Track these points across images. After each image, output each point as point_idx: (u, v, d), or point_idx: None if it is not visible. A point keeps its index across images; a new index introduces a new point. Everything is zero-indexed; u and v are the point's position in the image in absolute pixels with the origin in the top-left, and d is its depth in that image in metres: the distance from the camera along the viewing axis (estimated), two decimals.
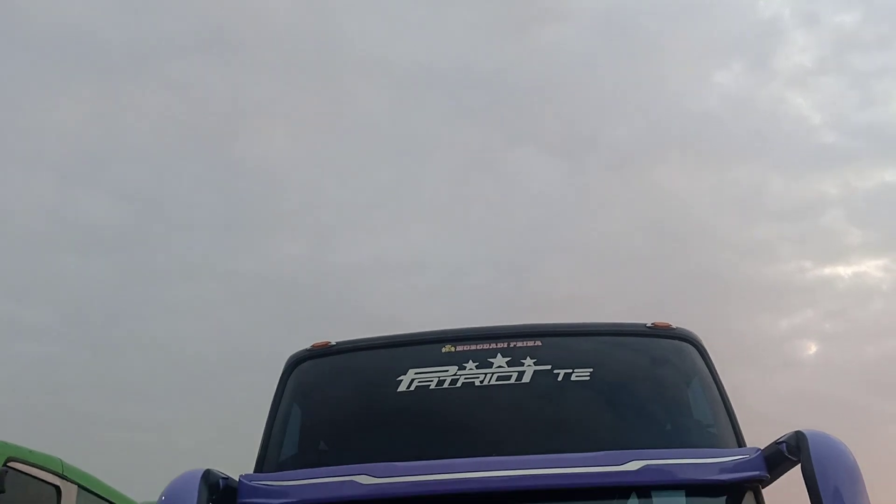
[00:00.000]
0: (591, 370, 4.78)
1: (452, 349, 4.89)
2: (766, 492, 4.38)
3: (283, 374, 4.97)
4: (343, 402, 5.02)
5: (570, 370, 4.75)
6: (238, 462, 4.69)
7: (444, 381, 4.76)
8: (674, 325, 5.00)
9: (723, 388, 4.76)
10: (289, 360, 5.03)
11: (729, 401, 4.72)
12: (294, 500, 4.30)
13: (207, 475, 4.13)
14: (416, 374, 4.79)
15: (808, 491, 3.89)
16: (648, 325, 5.01)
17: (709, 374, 4.80)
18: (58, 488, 5.89)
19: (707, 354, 4.88)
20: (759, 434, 4.44)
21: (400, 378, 4.79)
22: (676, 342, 4.96)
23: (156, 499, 4.16)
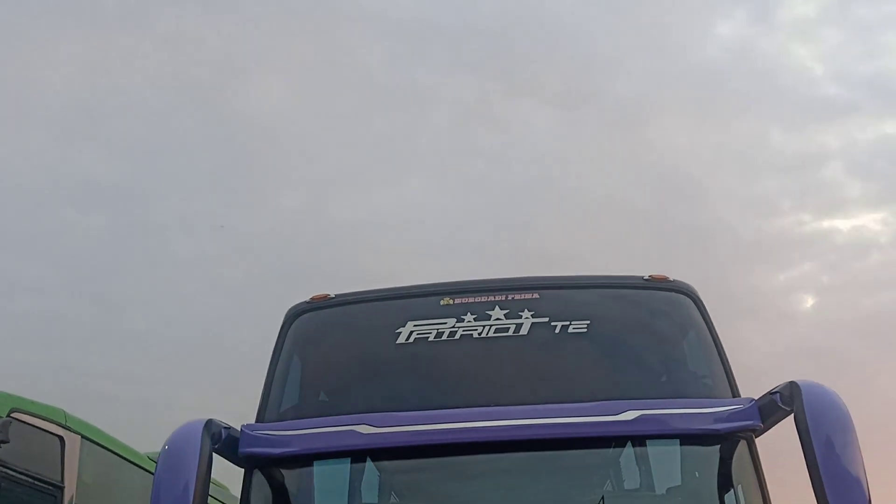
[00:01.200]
0: (589, 322, 4.82)
1: (451, 302, 4.92)
2: (760, 444, 4.45)
3: (282, 327, 5.01)
4: (342, 353, 5.06)
5: (568, 322, 4.79)
6: (240, 416, 4.74)
7: (443, 333, 4.80)
8: (671, 278, 5.03)
9: (718, 339, 4.81)
10: (288, 313, 5.06)
11: (724, 352, 4.77)
12: (295, 449, 4.37)
13: (210, 425, 4.19)
14: (414, 326, 4.83)
15: (800, 440, 3.95)
16: (645, 277, 5.04)
17: (705, 326, 4.84)
18: (61, 438, 5.98)
19: (703, 306, 4.92)
20: (755, 387, 4.50)
21: (399, 330, 4.83)
22: (673, 294, 5.00)
23: (159, 450, 4.23)
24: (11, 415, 5.45)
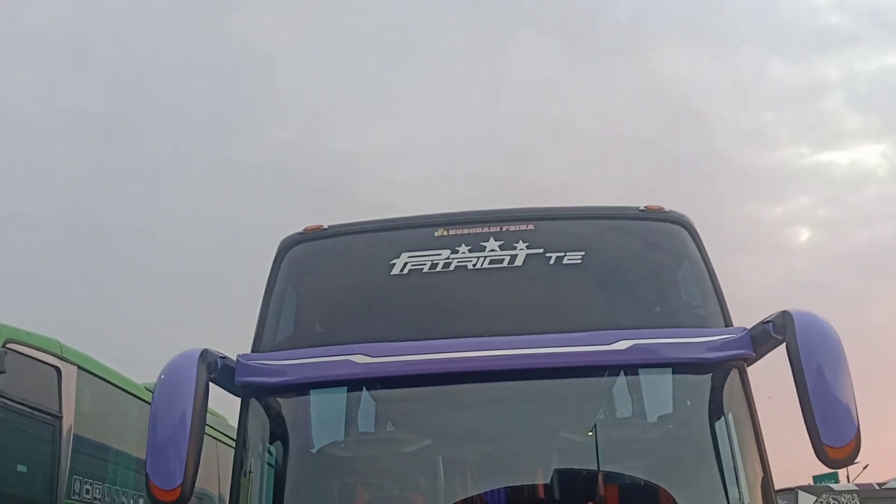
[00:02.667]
0: (583, 253, 4.81)
1: (445, 233, 4.90)
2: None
3: (276, 258, 4.98)
4: (336, 284, 5.06)
5: (562, 253, 4.78)
6: (236, 349, 4.76)
7: (437, 264, 4.78)
8: (666, 209, 5.00)
9: (712, 270, 4.81)
10: (282, 244, 5.04)
11: (718, 283, 4.77)
12: (291, 378, 4.39)
13: (205, 354, 4.20)
14: (409, 257, 4.82)
15: (791, 369, 3.98)
16: (641, 208, 5.01)
17: (699, 257, 4.84)
18: (58, 369, 6.01)
19: (698, 237, 4.90)
20: (749, 321, 4.51)
21: (393, 261, 4.82)
22: (668, 225, 4.98)
23: (155, 381, 4.25)
24: (7, 345, 5.46)
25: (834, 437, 3.80)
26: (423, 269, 4.78)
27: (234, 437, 4.51)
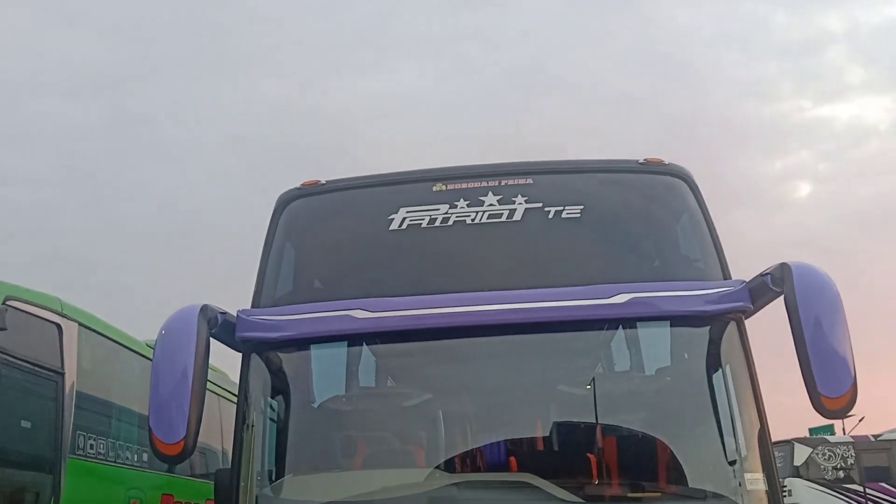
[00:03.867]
0: (582, 207, 4.80)
1: (443, 188, 4.88)
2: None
3: (274, 213, 4.97)
4: (335, 240, 5.05)
5: (561, 207, 4.76)
6: (236, 305, 4.77)
7: (436, 219, 4.77)
8: (666, 161, 4.98)
9: (712, 223, 4.80)
10: (279, 199, 5.02)
11: (717, 236, 4.77)
12: (291, 333, 4.41)
13: (205, 310, 4.22)
14: (407, 212, 4.80)
15: (789, 321, 4.00)
16: (640, 161, 4.98)
17: (698, 210, 4.82)
18: (59, 326, 6.03)
19: (698, 190, 4.88)
20: (747, 276, 4.50)
21: (391, 217, 4.81)
22: (668, 178, 4.96)
23: (156, 337, 4.27)
24: (7, 302, 5.47)
25: (830, 387, 3.83)
26: (421, 224, 4.77)
27: (237, 393, 4.54)
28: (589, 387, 4.63)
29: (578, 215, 4.78)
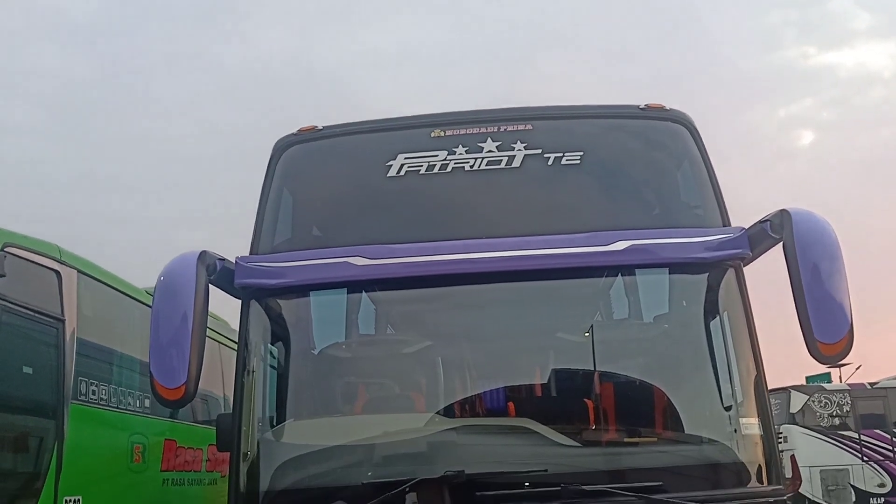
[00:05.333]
0: (582, 153, 4.76)
1: (442, 134, 4.83)
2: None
3: (270, 159, 4.93)
4: (332, 186, 5.02)
5: (561, 154, 4.73)
6: (235, 254, 4.73)
7: (434, 165, 4.74)
8: (667, 107, 4.92)
9: (712, 170, 4.77)
10: (276, 145, 4.97)
11: (717, 183, 4.74)
12: (290, 280, 4.42)
13: (204, 256, 4.21)
14: (405, 158, 4.76)
15: (787, 267, 3.99)
16: (641, 106, 4.93)
17: (699, 157, 4.78)
18: (58, 273, 6.01)
19: (699, 137, 4.84)
20: (750, 224, 4.47)
21: (389, 163, 4.77)
22: (668, 124, 4.91)
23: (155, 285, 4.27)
24: (5, 249, 5.44)
25: (827, 333, 3.84)
26: (419, 170, 4.74)
27: (237, 340, 4.56)
28: (587, 334, 4.65)
29: (578, 162, 4.74)
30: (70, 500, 5.87)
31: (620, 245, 4.29)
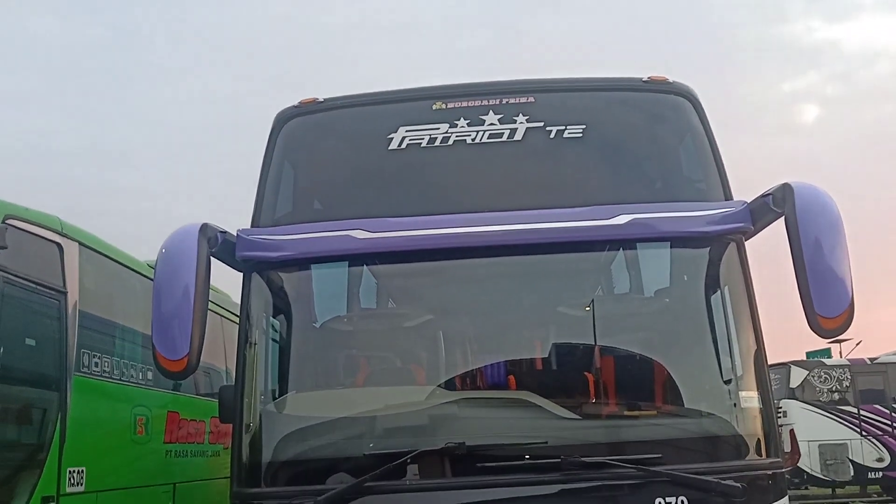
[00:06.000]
0: (584, 126, 4.73)
1: (443, 106, 4.80)
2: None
3: (271, 132, 4.91)
4: (334, 159, 5.01)
5: (563, 127, 4.70)
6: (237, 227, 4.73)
7: (436, 138, 4.72)
8: (670, 80, 4.89)
9: (715, 144, 4.74)
10: (277, 118, 4.95)
11: (720, 157, 4.72)
12: (291, 253, 4.42)
13: (205, 229, 4.21)
14: (406, 131, 4.74)
15: (789, 241, 3.99)
16: (644, 79, 4.89)
17: (702, 131, 4.76)
18: (59, 245, 6.02)
19: (702, 110, 4.81)
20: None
21: (391, 136, 4.75)
22: (672, 97, 4.87)
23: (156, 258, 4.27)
24: (7, 221, 5.45)
25: (827, 307, 3.85)
26: (421, 143, 4.72)
27: (239, 313, 4.58)
28: (588, 308, 4.65)
29: (580, 135, 4.72)
30: (74, 471, 5.93)
31: (622, 219, 4.28)
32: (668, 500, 3.89)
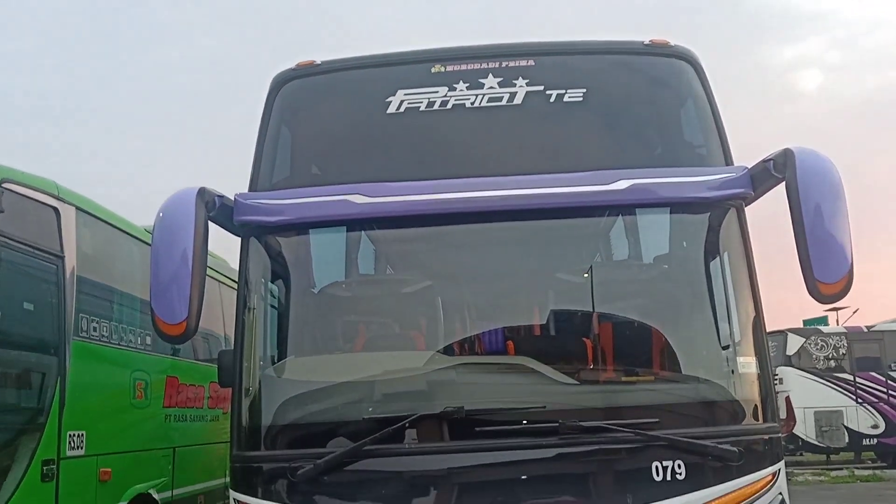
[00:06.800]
0: (585, 90, 4.69)
1: (442, 69, 4.75)
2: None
3: (268, 95, 4.85)
4: (331, 123, 4.96)
5: (563, 91, 4.66)
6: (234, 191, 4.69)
7: (435, 102, 4.67)
8: (672, 43, 4.83)
9: (716, 109, 4.70)
10: (274, 80, 4.89)
11: (721, 122, 4.68)
12: (289, 217, 4.40)
13: (203, 192, 4.18)
14: (405, 94, 4.70)
15: (789, 207, 3.96)
16: (645, 42, 4.83)
17: (703, 95, 4.71)
18: (56, 210, 6.00)
19: (704, 74, 4.75)
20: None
21: (389, 99, 4.70)
22: (673, 60, 4.81)
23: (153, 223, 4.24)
24: (3, 185, 5.42)
25: (827, 273, 3.84)
26: (419, 107, 4.67)
27: (237, 279, 4.56)
28: (587, 274, 4.64)
29: (580, 99, 4.67)
30: (74, 435, 5.97)
31: (622, 184, 4.25)
32: (665, 464, 3.92)
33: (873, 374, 20.13)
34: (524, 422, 4.03)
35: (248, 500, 4.10)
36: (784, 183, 4.04)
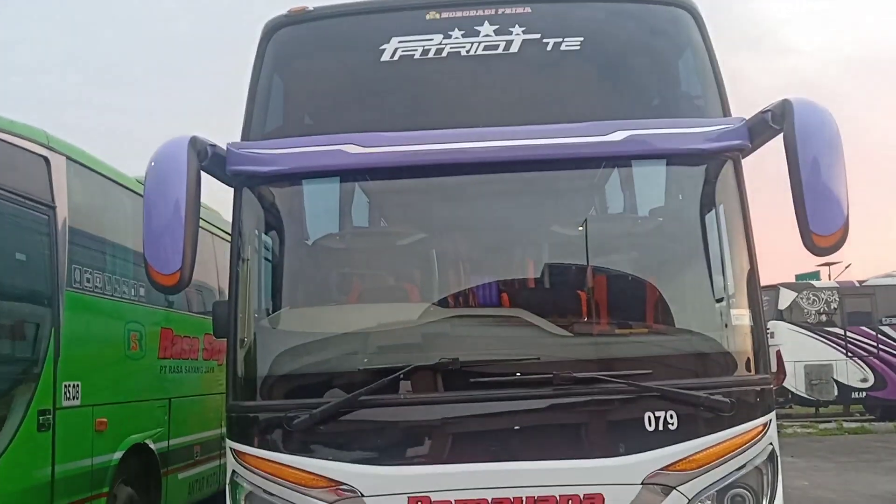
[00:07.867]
0: (582, 39, 4.61)
1: (437, 16, 4.66)
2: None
3: (260, 42, 4.76)
4: (324, 71, 4.88)
5: (560, 39, 4.58)
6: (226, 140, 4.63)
7: (429, 50, 4.60)
8: None
9: (715, 60, 4.63)
10: (265, 27, 4.79)
11: (720, 73, 4.62)
12: (282, 167, 4.34)
13: (195, 141, 4.12)
14: (399, 42, 4.62)
15: (786, 158, 3.93)
16: None
17: (702, 45, 4.64)
18: (46, 159, 5.93)
19: (703, 24, 4.67)
20: None
21: (383, 47, 4.62)
22: (672, 9, 4.73)
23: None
24: None
25: (822, 225, 3.82)
26: (414, 55, 4.60)
27: (230, 231, 4.53)
28: (581, 227, 4.62)
29: (578, 48, 4.60)
30: (69, 386, 5.99)
31: (619, 135, 4.20)
32: (657, 414, 3.95)
33: (864, 328, 20.32)
34: (518, 373, 4.05)
35: (244, 448, 4.13)
36: (782, 134, 4.00)
